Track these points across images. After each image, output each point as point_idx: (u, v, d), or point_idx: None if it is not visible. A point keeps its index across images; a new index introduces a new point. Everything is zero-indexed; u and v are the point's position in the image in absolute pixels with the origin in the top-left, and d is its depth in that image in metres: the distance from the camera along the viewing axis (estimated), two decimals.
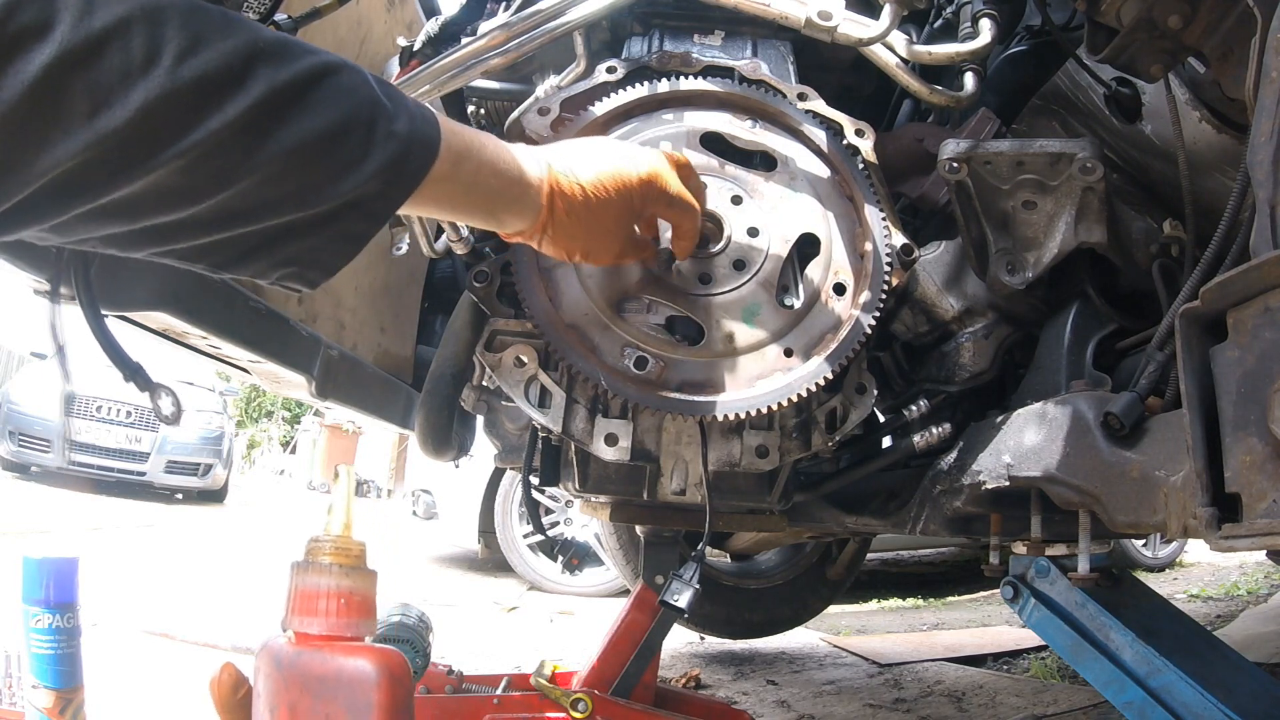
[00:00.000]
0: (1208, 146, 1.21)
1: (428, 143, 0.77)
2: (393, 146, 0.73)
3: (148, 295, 1.24)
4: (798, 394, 1.13)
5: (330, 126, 0.68)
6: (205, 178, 0.64)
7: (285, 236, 0.72)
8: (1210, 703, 1.07)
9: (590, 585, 5.16)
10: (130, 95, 0.58)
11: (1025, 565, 1.30)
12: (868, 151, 1.32)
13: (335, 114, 0.68)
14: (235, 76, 0.63)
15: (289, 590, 0.86)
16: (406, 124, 0.74)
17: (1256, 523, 0.75)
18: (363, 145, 0.71)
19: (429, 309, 2.36)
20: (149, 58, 0.58)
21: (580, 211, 0.93)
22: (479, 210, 0.88)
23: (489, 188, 0.86)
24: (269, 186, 0.67)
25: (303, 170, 0.68)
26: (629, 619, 1.61)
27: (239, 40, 0.63)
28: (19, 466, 9.01)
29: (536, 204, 0.90)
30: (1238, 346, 0.78)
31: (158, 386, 1.05)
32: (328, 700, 0.78)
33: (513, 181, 0.88)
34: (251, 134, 0.63)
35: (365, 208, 0.74)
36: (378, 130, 0.72)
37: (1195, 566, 5.96)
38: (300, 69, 0.66)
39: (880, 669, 3.21)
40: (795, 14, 1.28)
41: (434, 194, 0.80)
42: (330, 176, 0.69)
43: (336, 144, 0.69)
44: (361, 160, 0.71)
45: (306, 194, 0.69)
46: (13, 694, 1.57)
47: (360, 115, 0.70)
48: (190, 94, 0.60)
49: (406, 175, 0.76)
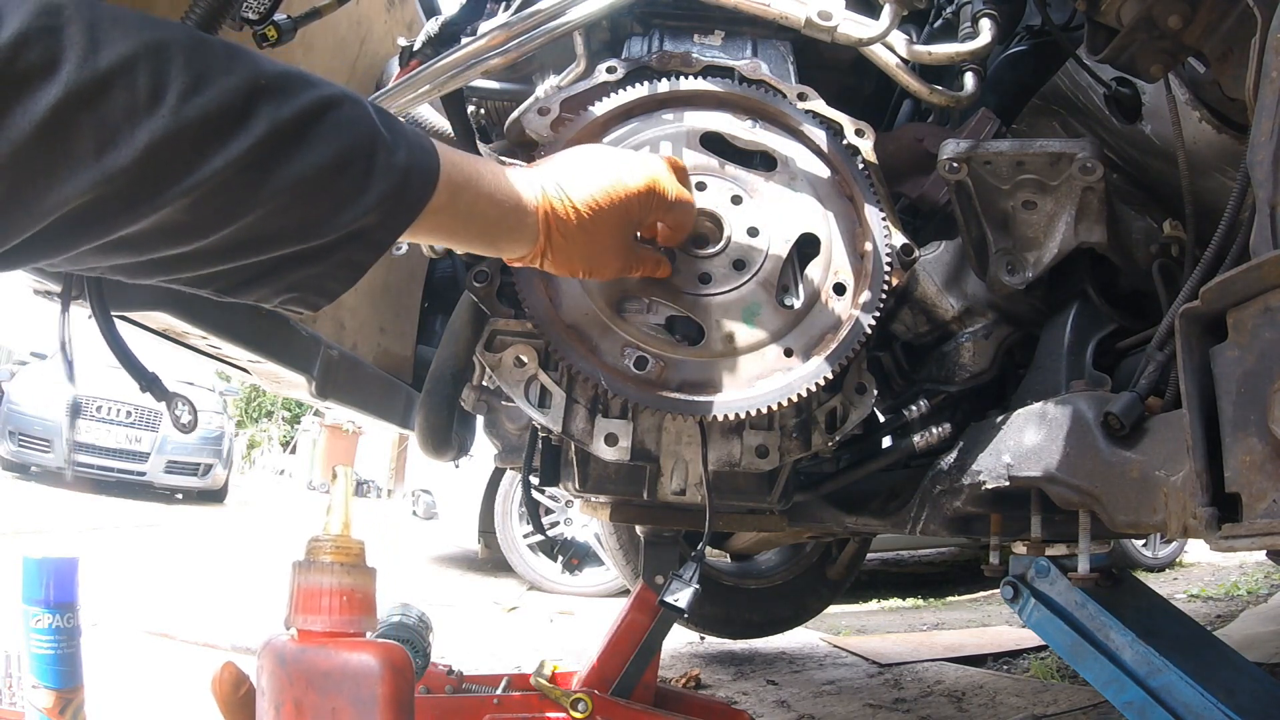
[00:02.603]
0: (1208, 146, 1.21)
1: (426, 174, 0.78)
2: (393, 178, 0.74)
3: (148, 295, 1.24)
4: (798, 394, 1.13)
5: (332, 160, 0.69)
6: (210, 213, 0.65)
7: (289, 265, 0.74)
8: (1210, 703, 1.07)
9: (590, 585, 5.16)
10: (136, 134, 0.59)
11: (1025, 565, 1.30)
12: (868, 151, 1.32)
13: (336, 148, 0.69)
14: (238, 114, 0.64)
15: (291, 589, 0.86)
16: (405, 156, 0.76)
17: (1256, 523, 0.75)
18: (363, 177, 0.72)
19: (429, 309, 2.36)
20: (154, 96, 0.59)
21: (576, 234, 0.93)
22: (477, 238, 0.90)
23: (486, 217, 0.87)
24: (272, 220, 0.68)
25: (305, 204, 0.69)
26: (629, 619, 1.61)
27: (241, 77, 0.64)
28: (19, 466, 9.01)
29: (533, 231, 0.91)
30: (1238, 346, 0.78)
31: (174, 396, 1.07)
32: (333, 694, 0.80)
33: (509, 211, 0.89)
34: (255, 170, 0.65)
35: (366, 237, 0.75)
36: (377, 162, 0.73)
37: (1195, 566, 5.96)
38: (301, 104, 0.68)
39: (880, 669, 3.21)
40: (795, 14, 1.28)
41: (432, 224, 0.81)
42: (332, 209, 0.71)
43: (338, 177, 0.70)
44: (362, 192, 0.72)
45: (309, 226, 0.71)
46: (13, 694, 1.57)
47: (360, 148, 0.72)
48: (195, 133, 0.61)
49: (406, 206, 0.77)
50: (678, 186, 1.03)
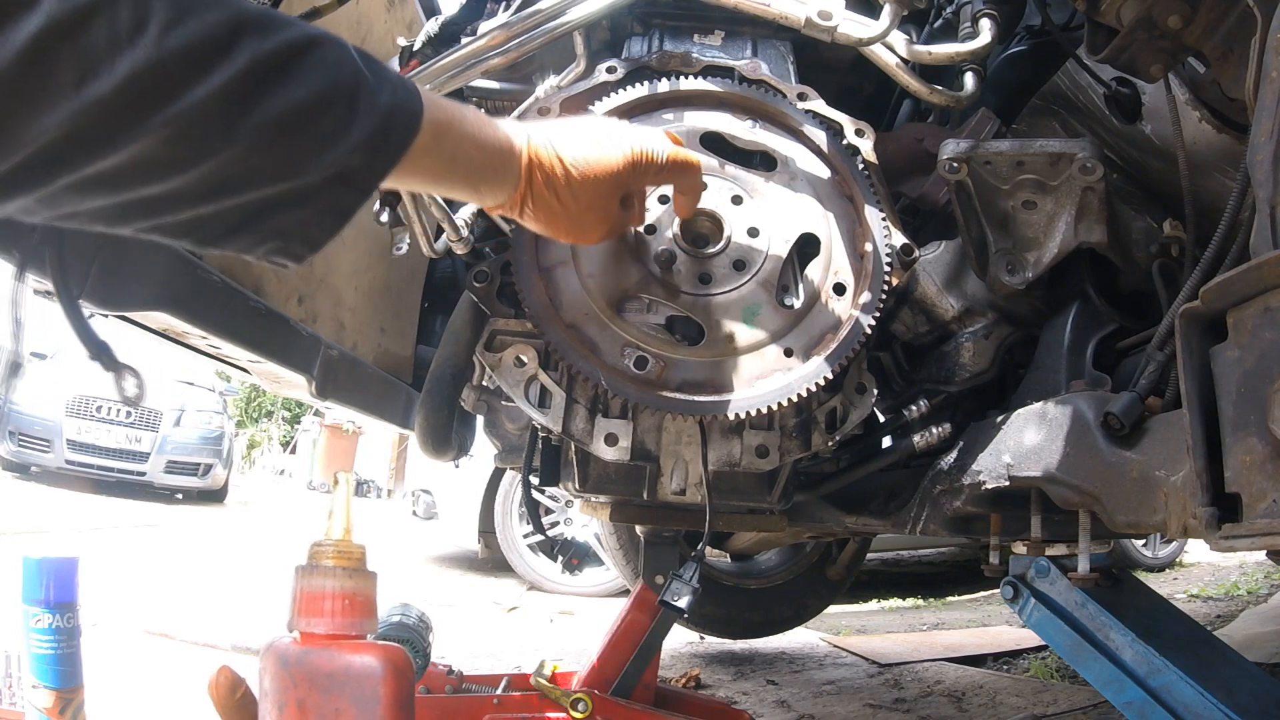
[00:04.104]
0: (1208, 146, 1.21)
1: (410, 114, 0.77)
2: (376, 118, 0.73)
3: (148, 295, 1.24)
4: (798, 394, 1.13)
5: (314, 97, 0.68)
6: (189, 147, 0.64)
7: (271, 210, 0.72)
8: (1210, 703, 1.07)
9: (590, 585, 5.16)
10: (117, 64, 0.58)
11: (1025, 565, 1.30)
12: (868, 151, 1.32)
13: (319, 85, 0.68)
14: (220, 47, 0.63)
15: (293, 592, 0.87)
16: (389, 96, 0.75)
17: (1256, 523, 0.75)
18: (346, 117, 0.71)
19: (429, 309, 2.36)
20: (135, 28, 0.59)
21: (559, 185, 0.93)
22: (461, 183, 0.90)
23: (471, 160, 0.87)
24: (252, 157, 0.67)
25: (286, 141, 0.68)
26: (629, 619, 1.61)
27: (224, 12, 0.64)
28: (19, 466, 9.01)
29: (515, 176, 0.91)
30: (1238, 346, 0.78)
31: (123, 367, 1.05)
32: (335, 695, 0.81)
33: (493, 154, 0.89)
34: (236, 104, 0.64)
35: (350, 181, 0.74)
36: (361, 102, 0.72)
37: (1195, 566, 5.96)
38: (284, 40, 0.67)
39: (880, 669, 3.21)
40: (795, 14, 1.28)
41: (417, 166, 0.80)
42: (314, 148, 0.70)
43: (320, 115, 0.69)
44: (345, 132, 0.71)
45: (290, 165, 0.69)
46: (13, 694, 1.57)
47: (343, 87, 0.71)
48: (176, 64, 0.61)
49: (390, 147, 0.76)
50: (671, 148, 1.03)
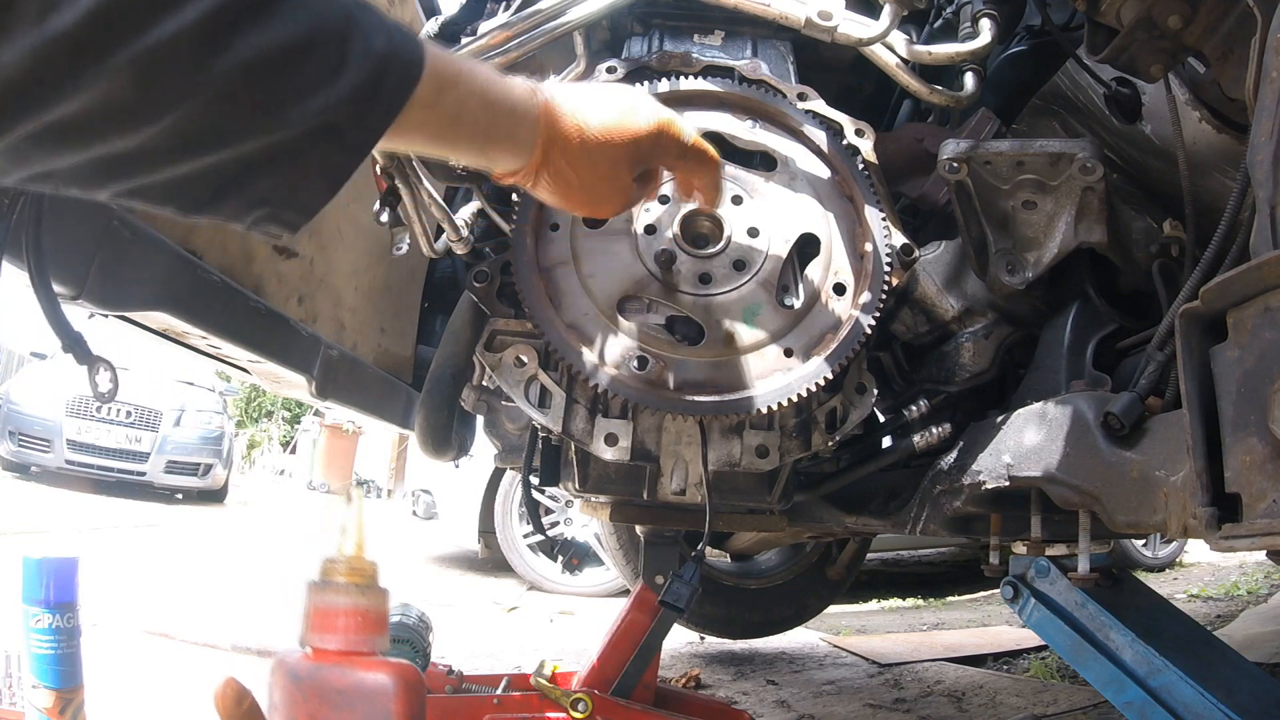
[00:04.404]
0: (1208, 146, 1.21)
1: (409, 63, 0.69)
2: (369, 65, 0.65)
3: (148, 295, 1.24)
4: (798, 394, 1.13)
5: (295, 39, 0.61)
6: (157, 90, 0.58)
7: (256, 171, 0.66)
8: (1210, 703, 1.07)
9: (590, 585, 5.16)
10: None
11: (1025, 565, 1.30)
12: (868, 151, 1.32)
13: (301, 26, 0.61)
14: None
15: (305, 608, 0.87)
16: (385, 42, 0.67)
17: (1256, 523, 0.75)
18: (333, 62, 0.64)
19: (429, 309, 2.36)
20: None
21: (578, 153, 0.86)
22: (467, 145, 0.82)
23: (477, 121, 0.79)
24: (226, 104, 0.61)
25: (264, 87, 0.61)
26: (629, 619, 1.61)
27: None
28: (19, 466, 9.01)
29: (530, 143, 0.84)
30: (1238, 346, 0.78)
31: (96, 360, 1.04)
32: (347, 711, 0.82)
33: (504, 114, 0.81)
34: (206, 42, 0.58)
35: (340, 137, 0.67)
36: (352, 47, 0.64)
37: (1195, 566, 5.96)
38: None
39: (880, 669, 3.21)
40: (795, 14, 1.28)
41: (417, 122, 0.72)
42: (295, 96, 0.62)
43: (302, 59, 0.62)
44: (332, 79, 0.63)
45: (269, 116, 0.63)
46: (13, 694, 1.57)
47: (331, 30, 0.64)
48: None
49: (384, 98, 0.68)
50: (695, 136, 0.99)
